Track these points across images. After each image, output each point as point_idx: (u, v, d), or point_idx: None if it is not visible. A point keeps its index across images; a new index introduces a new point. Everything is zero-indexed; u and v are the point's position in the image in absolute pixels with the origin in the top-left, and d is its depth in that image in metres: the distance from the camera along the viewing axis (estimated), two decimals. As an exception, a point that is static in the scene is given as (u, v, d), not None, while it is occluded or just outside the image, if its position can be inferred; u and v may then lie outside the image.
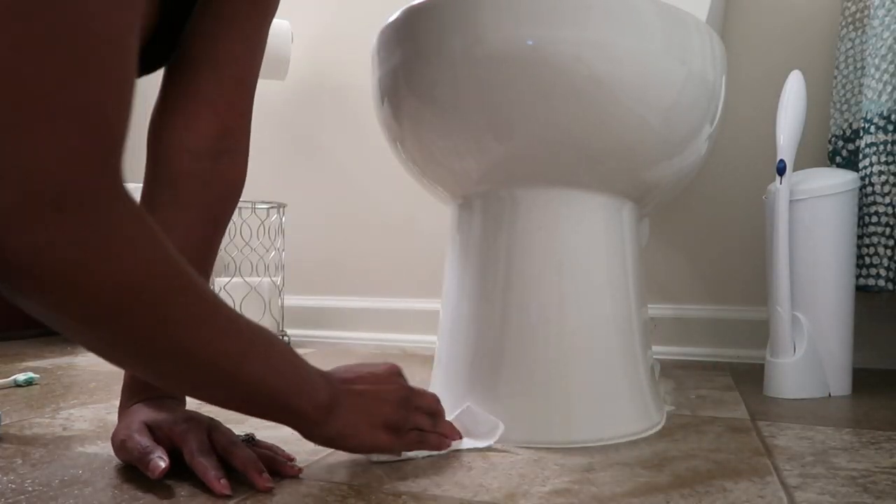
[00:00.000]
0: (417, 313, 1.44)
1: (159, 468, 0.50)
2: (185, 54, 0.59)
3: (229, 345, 0.44)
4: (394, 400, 0.56)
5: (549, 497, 0.49)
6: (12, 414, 0.77)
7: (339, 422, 0.52)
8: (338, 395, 0.52)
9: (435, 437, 0.60)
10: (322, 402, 0.50)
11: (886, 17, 0.94)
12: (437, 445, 0.60)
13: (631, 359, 0.69)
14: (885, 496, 0.49)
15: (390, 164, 1.30)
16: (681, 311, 1.25)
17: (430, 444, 0.59)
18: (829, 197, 0.88)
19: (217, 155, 0.60)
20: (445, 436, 0.61)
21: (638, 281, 0.73)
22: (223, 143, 0.61)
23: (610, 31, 0.59)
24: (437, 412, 0.61)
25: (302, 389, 0.49)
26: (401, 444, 0.57)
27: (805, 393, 0.86)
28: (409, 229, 1.49)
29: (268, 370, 0.47)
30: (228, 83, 0.60)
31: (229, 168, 0.62)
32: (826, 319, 0.88)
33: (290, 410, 0.49)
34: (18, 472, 0.55)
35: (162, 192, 0.59)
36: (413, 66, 0.65)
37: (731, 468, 0.56)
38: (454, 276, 0.73)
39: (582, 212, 0.68)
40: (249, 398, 0.47)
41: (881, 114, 0.94)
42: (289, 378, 0.48)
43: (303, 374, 0.50)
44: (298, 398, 0.49)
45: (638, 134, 0.64)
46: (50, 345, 1.41)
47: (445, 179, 0.72)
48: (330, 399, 0.51)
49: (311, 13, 1.59)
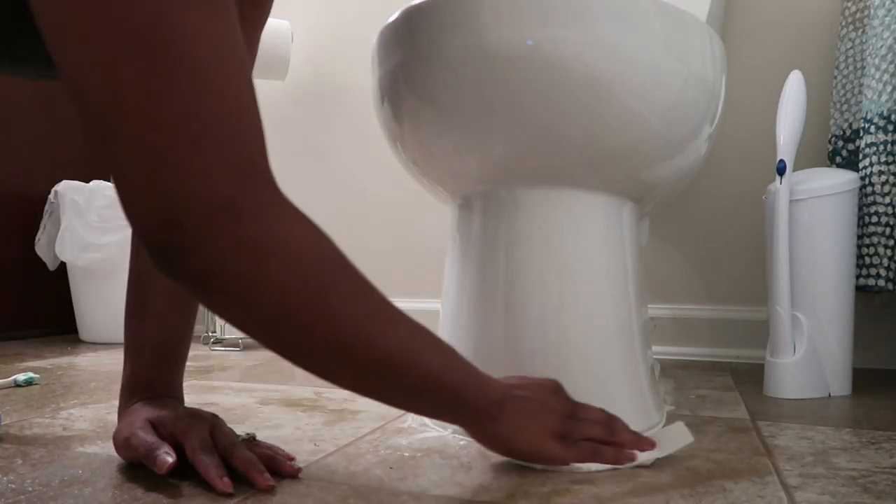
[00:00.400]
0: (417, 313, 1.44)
1: (167, 463, 0.50)
2: None
3: (399, 340, 0.44)
4: (559, 410, 0.54)
5: (549, 497, 0.49)
6: (12, 414, 0.77)
7: (510, 423, 0.51)
8: (507, 395, 0.51)
9: (611, 450, 0.54)
10: (496, 400, 0.50)
11: (886, 17, 0.94)
12: (615, 459, 0.54)
13: (631, 359, 0.69)
14: (885, 496, 0.49)
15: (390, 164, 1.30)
16: (681, 311, 1.25)
17: (606, 457, 0.54)
18: (829, 197, 0.88)
19: None
20: (625, 446, 0.55)
21: (638, 281, 0.73)
22: None
23: (610, 31, 0.59)
24: (613, 420, 0.57)
25: (477, 385, 0.49)
26: (573, 454, 0.53)
27: (805, 393, 0.86)
28: (409, 229, 1.49)
29: (442, 365, 0.46)
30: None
31: None
32: (826, 319, 0.88)
33: (466, 406, 0.49)
34: (18, 472, 0.55)
35: None
36: (413, 66, 0.65)
37: (731, 468, 0.56)
38: (454, 276, 0.73)
39: (582, 212, 0.68)
40: (423, 394, 0.47)
41: (881, 114, 0.94)
42: (462, 374, 0.48)
43: (474, 371, 0.49)
44: (474, 394, 0.48)
45: (638, 134, 0.64)
46: (50, 345, 1.41)
47: (445, 179, 0.72)
48: (502, 397, 0.50)
49: (311, 13, 1.59)
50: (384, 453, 0.60)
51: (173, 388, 0.61)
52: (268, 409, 0.79)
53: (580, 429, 0.54)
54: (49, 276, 1.48)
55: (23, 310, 1.53)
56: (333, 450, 0.61)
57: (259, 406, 0.81)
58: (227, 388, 0.93)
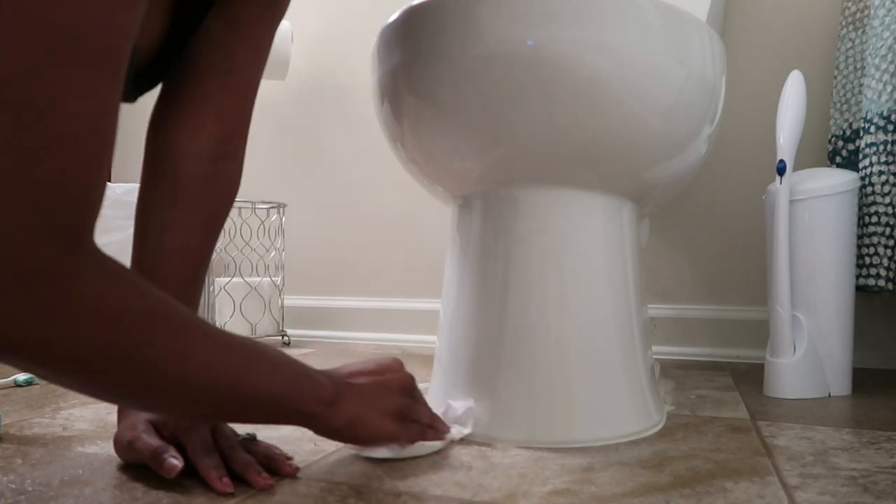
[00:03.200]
0: (417, 313, 1.44)
1: (176, 468, 0.50)
2: (193, 60, 0.59)
3: (222, 367, 0.44)
4: (398, 388, 0.57)
5: (549, 497, 0.49)
6: (12, 414, 0.77)
7: (346, 413, 0.52)
8: (341, 388, 0.52)
9: (433, 432, 0.60)
10: (327, 398, 0.51)
11: (886, 17, 0.94)
12: (435, 438, 0.60)
13: (631, 359, 0.69)
14: (885, 496, 0.49)
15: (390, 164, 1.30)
16: (681, 311, 1.25)
17: (430, 437, 0.60)
18: (829, 197, 0.88)
19: (216, 159, 0.61)
20: (441, 430, 0.62)
21: (638, 281, 0.73)
22: (223, 147, 0.62)
23: (610, 31, 0.59)
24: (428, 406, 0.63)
25: (304, 390, 0.50)
26: (407, 433, 0.57)
27: (805, 393, 0.86)
28: (409, 229, 1.49)
29: (267, 380, 0.47)
30: (236, 90, 0.61)
31: (227, 171, 0.63)
32: (826, 319, 0.88)
33: (297, 412, 0.50)
34: (18, 472, 0.55)
35: (162, 194, 0.60)
36: (413, 65, 0.65)
37: (731, 468, 0.56)
38: (454, 276, 0.73)
39: (582, 212, 0.68)
40: (256, 410, 0.48)
41: (881, 114, 0.94)
42: (289, 383, 0.49)
43: (301, 375, 0.50)
44: (303, 399, 0.49)
45: (638, 134, 0.64)
46: (50, 345, 1.41)
47: (445, 179, 0.72)
48: (334, 394, 0.51)
49: (311, 13, 1.59)
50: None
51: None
52: (268, 409, 0.79)
53: (415, 409, 0.59)
54: (49, 276, 1.48)
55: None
56: (333, 450, 0.61)
57: (259, 406, 0.80)
58: (227, 388, 0.93)
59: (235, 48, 0.60)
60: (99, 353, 0.38)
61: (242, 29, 0.60)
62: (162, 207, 0.59)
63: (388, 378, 0.57)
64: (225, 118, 0.61)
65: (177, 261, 0.59)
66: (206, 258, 0.63)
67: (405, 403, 0.57)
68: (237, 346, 0.46)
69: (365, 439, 0.56)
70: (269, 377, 0.47)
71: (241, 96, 0.62)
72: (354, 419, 0.53)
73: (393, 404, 0.56)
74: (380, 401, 0.55)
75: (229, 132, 0.62)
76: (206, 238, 0.62)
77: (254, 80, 0.63)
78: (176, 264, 0.59)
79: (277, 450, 0.56)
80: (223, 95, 0.60)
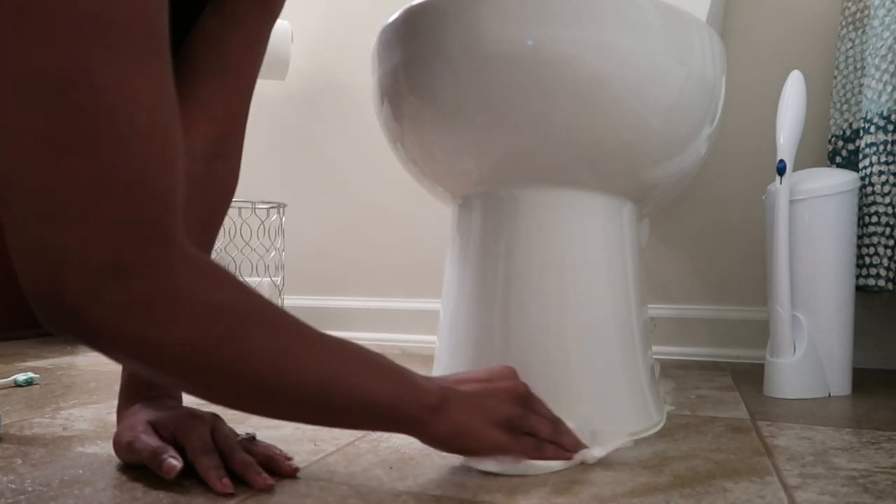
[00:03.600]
0: (417, 313, 1.44)
1: (175, 469, 0.50)
2: (188, 59, 0.59)
3: (320, 367, 0.44)
4: (509, 397, 0.53)
5: (549, 497, 0.49)
6: (12, 414, 0.77)
7: (451, 421, 0.50)
8: (448, 395, 0.50)
9: (553, 449, 0.54)
10: (432, 404, 0.49)
11: (886, 17, 0.94)
12: (556, 456, 0.54)
13: (631, 359, 0.69)
14: (885, 496, 0.49)
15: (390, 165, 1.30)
16: (681, 311, 1.25)
17: (548, 455, 0.54)
18: (829, 197, 0.88)
19: (211, 158, 0.61)
20: (567, 448, 0.55)
21: (638, 281, 0.73)
22: (219, 146, 0.61)
23: (610, 31, 0.59)
24: (558, 420, 0.56)
25: (409, 394, 0.48)
26: (518, 446, 0.52)
27: (805, 393, 0.86)
28: (409, 229, 1.49)
29: (366, 384, 0.46)
30: (231, 89, 0.61)
31: (223, 171, 0.62)
32: (826, 319, 0.88)
33: (402, 418, 0.48)
34: (18, 472, 0.55)
35: None
36: (413, 65, 0.65)
37: (731, 468, 0.56)
38: (454, 276, 0.73)
39: (582, 212, 0.68)
40: (356, 415, 0.47)
41: (881, 114, 0.93)
42: (393, 387, 0.47)
43: (404, 380, 0.49)
44: (406, 404, 0.48)
45: (638, 134, 0.64)
46: (50, 345, 1.41)
47: (445, 179, 0.72)
48: (440, 400, 0.49)
49: (311, 13, 1.59)
50: (384, 453, 0.60)
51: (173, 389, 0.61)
52: (268, 409, 0.79)
53: (528, 421, 0.53)
54: (49, 276, 1.48)
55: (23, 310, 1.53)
56: (333, 450, 0.61)
57: (259, 406, 0.80)
58: (227, 388, 0.93)
59: (231, 46, 0.59)
60: (194, 348, 0.39)
61: (238, 26, 0.59)
62: None
63: (497, 385, 0.54)
64: (220, 117, 0.60)
65: None
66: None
67: (516, 413, 0.53)
68: (335, 347, 0.45)
69: (472, 449, 0.53)
70: (371, 380, 0.46)
71: (236, 95, 0.61)
72: (460, 427, 0.50)
73: (501, 413, 0.52)
74: (487, 409, 0.51)
75: (224, 131, 0.61)
76: (203, 238, 0.62)
77: (250, 79, 0.62)
78: None
79: (277, 450, 0.56)
80: (218, 94, 0.60)
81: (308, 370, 0.43)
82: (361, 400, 0.46)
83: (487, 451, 0.52)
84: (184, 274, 0.38)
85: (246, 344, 0.40)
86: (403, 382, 0.48)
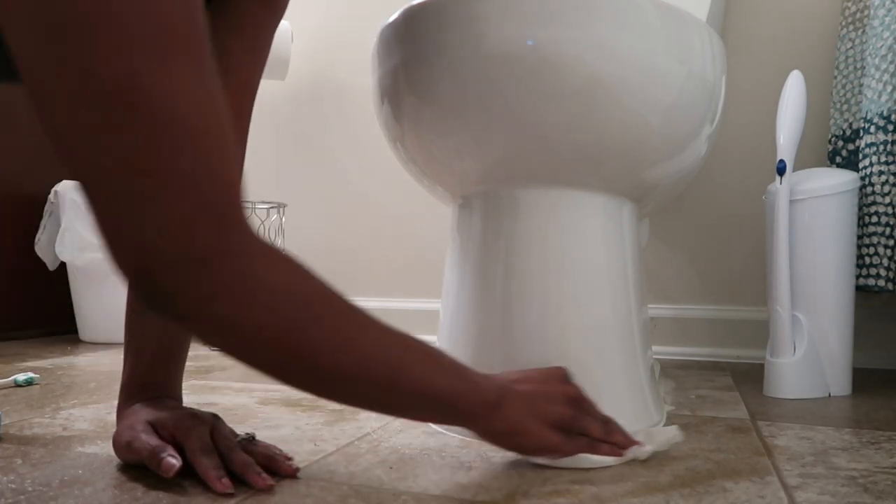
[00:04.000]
0: (417, 313, 1.44)
1: (174, 468, 0.50)
2: None
3: (385, 357, 0.45)
4: (562, 398, 0.54)
5: (549, 497, 0.49)
6: (12, 414, 0.77)
7: (507, 418, 0.51)
8: (504, 392, 0.51)
9: (607, 447, 0.55)
10: (489, 400, 0.50)
11: (886, 17, 0.94)
12: (610, 453, 0.55)
13: (631, 359, 0.69)
14: (885, 496, 0.49)
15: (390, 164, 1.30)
16: (681, 311, 1.25)
17: (602, 452, 0.55)
18: (829, 197, 0.88)
19: None
20: (620, 446, 0.56)
21: (638, 281, 0.73)
22: None
23: (610, 31, 0.59)
24: (610, 420, 0.57)
25: (467, 389, 0.49)
26: (571, 445, 0.53)
27: (805, 393, 0.86)
28: (409, 229, 1.49)
29: (429, 375, 0.47)
30: (235, 90, 0.61)
31: None
32: (826, 319, 0.88)
33: (459, 411, 0.49)
34: (18, 472, 0.55)
35: None
36: (413, 65, 0.65)
37: (731, 468, 0.56)
38: (454, 276, 0.73)
39: (582, 212, 0.68)
40: (417, 405, 0.49)
41: (881, 114, 0.94)
42: (452, 380, 0.49)
43: (465, 374, 0.50)
44: (465, 398, 0.49)
45: (638, 134, 0.64)
46: (50, 345, 1.41)
47: (445, 179, 0.72)
48: (497, 397, 0.51)
49: (311, 13, 1.59)
50: (384, 453, 0.60)
51: (173, 389, 0.61)
52: (268, 408, 0.79)
53: (581, 422, 0.54)
54: (49, 276, 1.48)
55: (23, 310, 1.53)
56: (333, 450, 0.61)
57: (259, 406, 0.81)
58: (227, 388, 0.93)
59: (233, 48, 0.60)
60: (270, 331, 0.41)
61: (240, 29, 0.60)
62: None
63: (551, 387, 0.55)
64: None
65: None
66: None
67: (569, 414, 0.53)
68: (399, 339, 0.47)
69: (525, 447, 0.54)
70: (433, 373, 0.48)
71: (239, 97, 0.62)
72: (515, 425, 0.51)
73: (555, 413, 0.53)
74: (541, 409, 0.52)
75: None
76: None
77: (252, 81, 0.62)
78: None
79: (277, 450, 0.56)
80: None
81: (375, 357, 0.45)
82: (423, 390, 0.47)
83: (541, 451, 0.54)
84: (256, 258, 0.41)
85: (317, 328, 0.43)
86: (464, 377, 0.50)
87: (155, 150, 0.36)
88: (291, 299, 0.42)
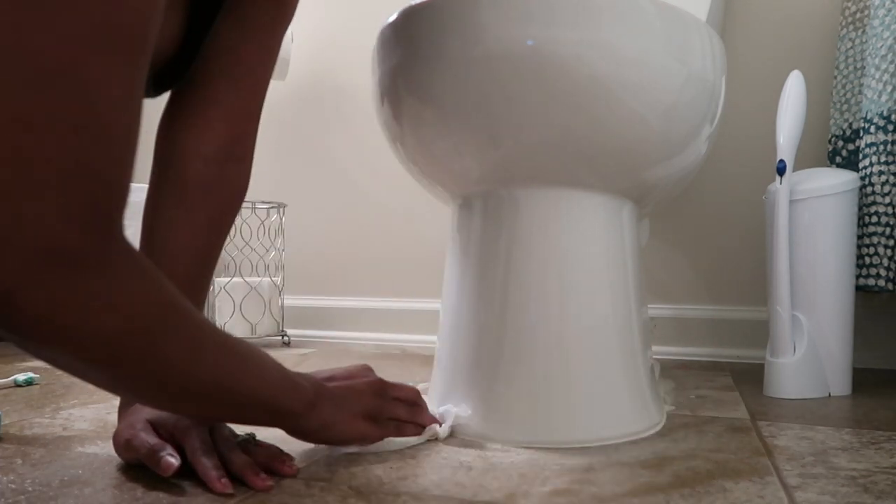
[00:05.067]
0: (417, 313, 1.44)
1: (172, 466, 0.50)
2: (202, 62, 0.60)
3: (226, 368, 0.46)
4: (368, 391, 0.59)
5: (549, 497, 0.49)
6: (12, 414, 0.77)
7: (322, 415, 0.54)
8: (320, 392, 0.54)
9: (412, 427, 0.62)
10: (309, 399, 0.53)
11: (886, 17, 0.94)
12: (414, 433, 0.62)
13: (631, 359, 0.69)
14: (885, 496, 0.49)
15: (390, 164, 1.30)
16: (681, 311, 1.25)
17: (408, 434, 0.62)
18: (829, 197, 0.88)
19: (225, 160, 0.62)
20: (423, 425, 0.63)
21: (638, 281, 0.73)
22: (232, 149, 0.62)
23: (610, 31, 0.59)
24: (416, 402, 0.64)
25: (290, 391, 0.52)
26: (379, 432, 0.59)
27: (805, 393, 0.86)
28: (409, 229, 1.49)
29: (260, 381, 0.49)
30: (245, 91, 0.62)
31: (235, 173, 0.63)
32: (826, 319, 0.88)
33: (283, 412, 0.52)
34: (18, 472, 0.55)
35: (170, 195, 0.60)
36: (413, 66, 0.65)
37: (731, 468, 0.56)
38: (454, 276, 0.73)
39: (582, 212, 0.68)
40: (249, 410, 0.50)
41: (881, 114, 0.94)
42: (278, 384, 0.51)
43: (288, 377, 0.52)
44: (289, 400, 0.51)
45: (638, 134, 0.64)
46: (50, 345, 1.41)
47: (445, 179, 0.72)
48: (314, 395, 0.54)
49: (311, 13, 1.59)
50: (384, 453, 0.60)
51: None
52: (268, 409, 0.79)
53: (388, 409, 0.61)
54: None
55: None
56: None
57: (259, 406, 0.80)
58: (227, 388, 0.93)
59: (243, 50, 0.61)
60: (119, 343, 0.39)
61: (251, 31, 0.61)
62: (169, 206, 0.60)
63: (358, 382, 0.59)
64: (233, 120, 0.62)
65: (183, 259, 0.60)
66: (213, 258, 0.63)
67: (376, 404, 0.59)
68: (235, 347, 0.47)
69: (336, 440, 0.58)
70: (261, 378, 0.49)
71: (249, 98, 0.62)
72: (327, 421, 0.55)
73: (364, 406, 0.58)
74: (351, 404, 0.57)
75: (237, 134, 0.62)
76: (213, 238, 0.63)
77: (262, 83, 0.63)
78: (182, 263, 0.60)
79: (277, 450, 0.56)
80: (231, 97, 0.61)
81: (217, 370, 0.45)
82: (254, 396, 0.49)
83: (354, 441, 0.59)
84: (121, 269, 0.38)
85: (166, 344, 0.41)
86: (285, 379, 0.52)
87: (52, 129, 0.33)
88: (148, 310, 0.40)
